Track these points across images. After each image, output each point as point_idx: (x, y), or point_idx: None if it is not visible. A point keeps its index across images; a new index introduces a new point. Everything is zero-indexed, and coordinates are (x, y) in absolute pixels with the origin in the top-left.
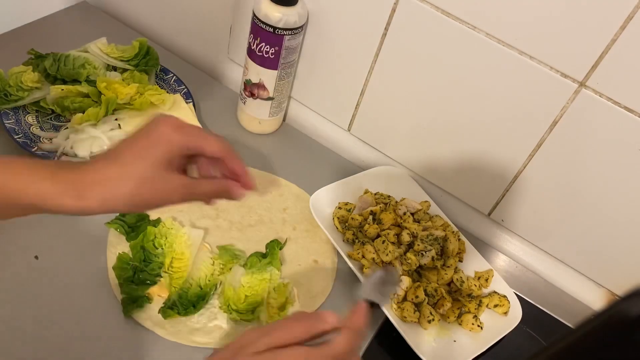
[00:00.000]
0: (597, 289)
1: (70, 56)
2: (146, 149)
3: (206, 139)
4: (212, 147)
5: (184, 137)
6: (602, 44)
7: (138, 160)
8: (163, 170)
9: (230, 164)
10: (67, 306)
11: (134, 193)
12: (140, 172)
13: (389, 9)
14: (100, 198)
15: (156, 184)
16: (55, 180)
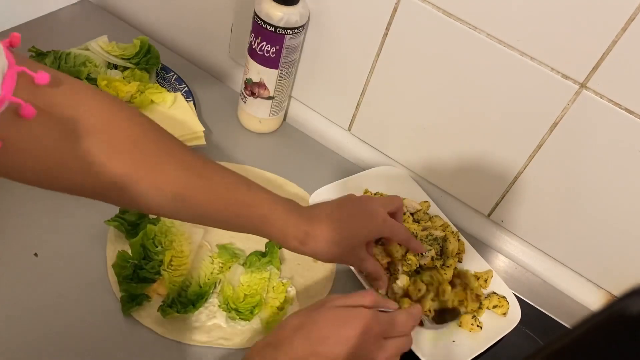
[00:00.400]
0: (596, 290)
1: (71, 54)
2: (363, 228)
3: (399, 232)
4: (401, 236)
5: (388, 231)
6: (603, 46)
7: (354, 233)
8: (362, 247)
9: (412, 245)
10: (66, 304)
11: (339, 254)
12: (351, 243)
13: (390, 9)
14: (315, 251)
15: (354, 252)
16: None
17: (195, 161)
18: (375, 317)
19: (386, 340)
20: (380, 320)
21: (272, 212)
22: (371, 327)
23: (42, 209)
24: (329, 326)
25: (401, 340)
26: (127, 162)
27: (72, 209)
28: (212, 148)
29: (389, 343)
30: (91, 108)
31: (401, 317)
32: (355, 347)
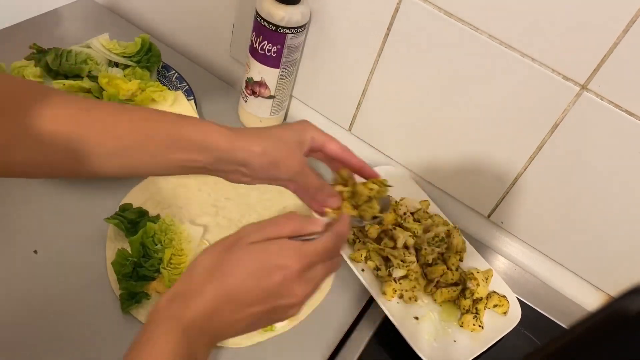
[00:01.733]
0: (595, 292)
1: (72, 51)
2: (289, 126)
3: (331, 137)
4: (334, 145)
5: (315, 129)
6: (604, 47)
7: (282, 130)
8: (296, 144)
9: (349, 160)
10: (66, 301)
11: (272, 147)
12: (280, 135)
13: (392, 9)
14: (244, 145)
15: (290, 149)
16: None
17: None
18: (297, 253)
19: (310, 270)
20: (303, 253)
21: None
22: (293, 267)
23: (42, 206)
24: (245, 272)
25: (327, 266)
26: (70, 122)
27: (72, 207)
28: None
29: (312, 273)
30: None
31: (327, 243)
32: (275, 292)
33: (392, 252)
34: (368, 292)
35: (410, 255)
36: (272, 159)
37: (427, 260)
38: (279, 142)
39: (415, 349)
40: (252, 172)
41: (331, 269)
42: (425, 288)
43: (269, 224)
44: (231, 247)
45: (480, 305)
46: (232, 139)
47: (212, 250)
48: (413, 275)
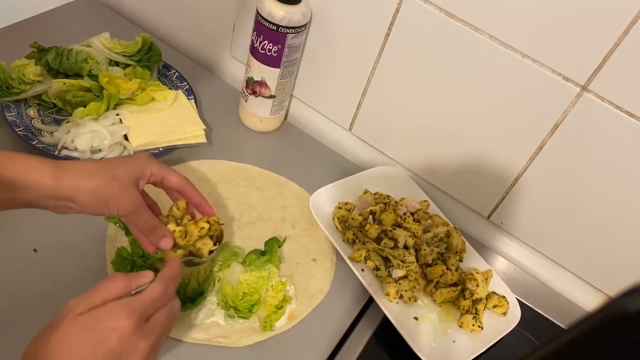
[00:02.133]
0: (595, 293)
1: (73, 50)
2: (125, 161)
3: (171, 171)
4: (174, 178)
5: (155, 164)
6: (604, 48)
7: (116, 166)
8: (131, 182)
9: (189, 194)
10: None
11: (102, 185)
12: (113, 172)
13: (393, 9)
14: (73, 183)
15: (122, 187)
16: (40, 160)
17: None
18: (126, 309)
19: (148, 322)
20: (132, 308)
21: (17, 155)
22: (125, 325)
23: None
24: (78, 346)
25: (166, 311)
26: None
27: None
28: (213, 146)
29: (151, 323)
30: None
31: (154, 290)
32: (117, 355)
33: (392, 253)
34: (367, 292)
35: (410, 256)
36: (102, 198)
37: (426, 260)
38: (111, 180)
39: (415, 349)
40: (81, 207)
41: (170, 312)
42: (424, 288)
43: (93, 291)
44: (57, 325)
45: (480, 306)
46: (59, 176)
47: (40, 334)
48: (413, 276)
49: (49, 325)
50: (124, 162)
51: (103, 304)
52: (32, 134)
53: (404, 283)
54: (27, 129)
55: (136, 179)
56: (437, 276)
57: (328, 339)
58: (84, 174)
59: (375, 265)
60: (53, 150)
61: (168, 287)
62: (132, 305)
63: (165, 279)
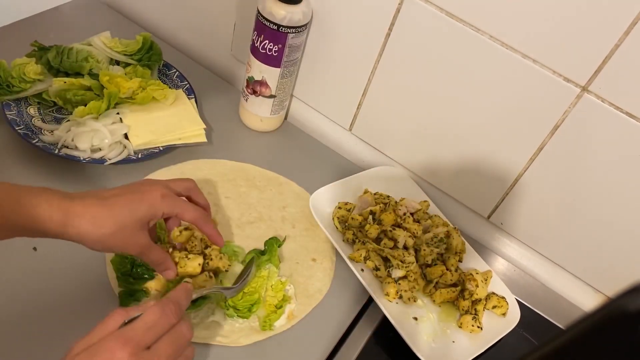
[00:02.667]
0: (594, 294)
1: (73, 49)
2: (135, 203)
3: (184, 209)
4: (189, 215)
5: (167, 205)
6: (605, 49)
7: (125, 210)
8: (139, 227)
9: (204, 229)
10: (64, 298)
11: (108, 236)
12: (121, 221)
13: (393, 9)
14: (79, 231)
15: (128, 235)
16: (49, 203)
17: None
18: (119, 339)
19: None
20: (125, 336)
21: (25, 195)
22: (120, 355)
23: None
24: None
25: (169, 337)
26: None
27: None
28: (213, 146)
29: (152, 351)
30: None
31: (154, 314)
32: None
33: (392, 253)
34: (367, 292)
35: (410, 256)
36: (109, 246)
37: (426, 260)
38: (119, 230)
39: (414, 350)
40: (90, 248)
41: (175, 337)
42: (424, 289)
43: (93, 330)
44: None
45: (479, 307)
46: (65, 222)
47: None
48: (412, 276)
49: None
50: (136, 205)
51: (99, 341)
52: (32, 132)
53: (404, 283)
54: (27, 128)
55: (146, 223)
56: (437, 277)
57: (327, 338)
58: (91, 223)
59: (375, 265)
60: (53, 149)
61: (166, 309)
62: (125, 334)
63: (163, 302)
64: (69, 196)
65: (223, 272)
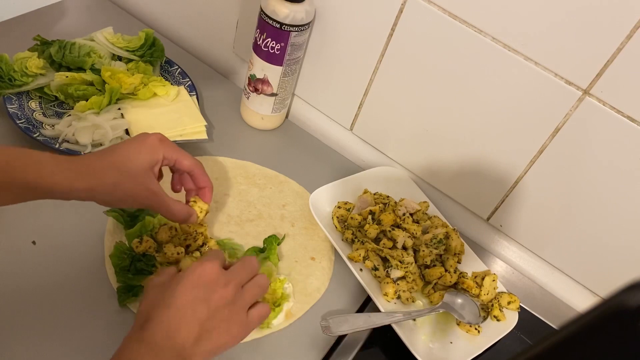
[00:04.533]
0: (593, 297)
1: (76, 44)
2: (135, 149)
3: (182, 154)
4: (186, 161)
5: (166, 148)
6: (607, 53)
7: (126, 157)
8: (144, 172)
9: (198, 177)
10: (63, 292)
11: (117, 184)
12: (126, 167)
13: (396, 9)
14: (87, 186)
15: (135, 182)
16: (56, 161)
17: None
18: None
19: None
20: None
21: (31, 155)
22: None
23: None
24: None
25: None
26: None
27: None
28: (214, 143)
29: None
30: None
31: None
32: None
33: (391, 253)
34: (365, 292)
35: (409, 256)
36: (120, 197)
37: (425, 261)
38: (125, 177)
39: (412, 350)
40: (102, 203)
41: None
42: (422, 289)
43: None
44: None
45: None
46: (72, 181)
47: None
48: (411, 277)
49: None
50: (136, 151)
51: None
52: (33, 126)
53: (402, 284)
54: (28, 122)
55: (149, 168)
56: (436, 278)
57: (325, 338)
58: (97, 176)
59: (374, 265)
60: (54, 143)
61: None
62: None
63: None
64: (75, 157)
65: None
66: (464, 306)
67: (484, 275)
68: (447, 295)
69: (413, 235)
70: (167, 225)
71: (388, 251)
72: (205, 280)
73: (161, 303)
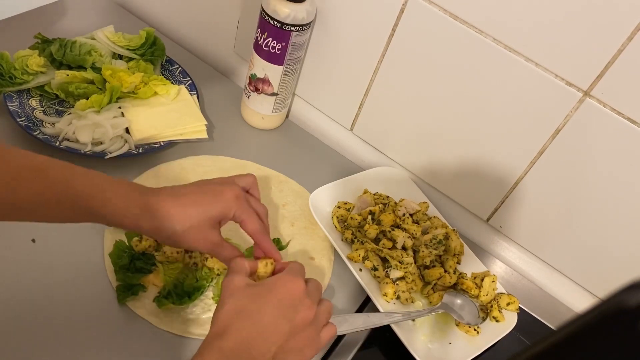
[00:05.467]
0: (592, 299)
1: (76, 42)
2: (208, 203)
3: (250, 218)
4: (251, 227)
5: (239, 210)
6: (608, 54)
7: (199, 209)
8: (211, 225)
9: (262, 244)
10: (62, 290)
11: (180, 233)
12: (195, 219)
13: (397, 10)
14: (152, 227)
15: (199, 234)
16: (127, 198)
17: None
18: (294, 276)
19: (319, 304)
20: (299, 274)
21: (108, 186)
22: (299, 282)
23: None
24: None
25: (316, 283)
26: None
27: None
28: (214, 142)
29: (321, 307)
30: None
31: (314, 282)
32: (290, 304)
33: (390, 253)
34: (365, 292)
35: (408, 257)
36: (181, 243)
37: (424, 262)
38: (192, 227)
39: (411, 350)
40: (163, 242)
41: (317, 286)
42: (422, 290)
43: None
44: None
45: (494, 312)
46: (140, 216)
47: (237, 295)
48: (410, 277)
49: (248, 292)
50: (210, 205)
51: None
52: (34, 124)
53: (402, 284)
54: (28, 120)
55: (217, 222)
56: (435, 278)
57: None
58: (164, 221)
59: (373, 266)
60: (54, 142)
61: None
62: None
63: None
64: (145, 191)
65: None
66: (463, 307)
67: (483, 276)
68: (446, 296)
69: (413, 235)
70: None
71: (388, 251)
72: (292, 299)
73: (244, 315)
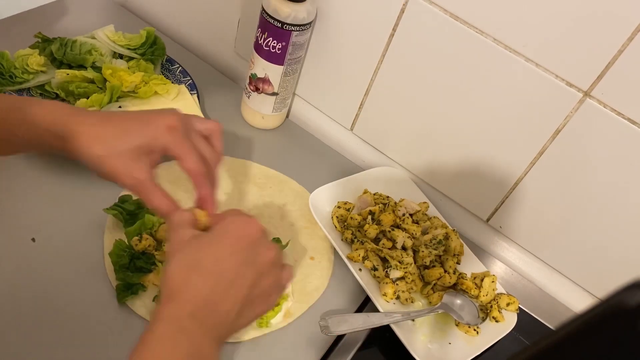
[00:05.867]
0: (592, 300)
1: (77, 41)
2: (133, 130)
3: (187, 154)
4: (187, 165)
5: (171, 142)
6: (608, 55)
7: (119, 134)
8: (135, 156)
9: (199, 188)
10: (62, 289)
11: (97, 159)
12: (116, 145)
13: (398, 10)
14: (74, 148)
15: (119, 163)
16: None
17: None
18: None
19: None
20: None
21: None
22: (257, 225)
23: (41, 194)
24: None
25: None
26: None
27: (72, 196)
28: None
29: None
30: None
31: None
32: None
33: (390, 253)
34: (364, 292)
35: (408, 257)
36: (105, 171)
37: (424, 262)
38: (113, 154)
39: (410, 350)
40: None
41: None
42: (422, 290)
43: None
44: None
45: (493, 312)
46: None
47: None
48: (410, 277)
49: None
50: (135, 132)
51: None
52: None
53: (401, 284)
54: None
55: (144, 153)
56: (435, 278)
57: (323, 337)
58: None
59: (373, 265)
60: None
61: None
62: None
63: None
64: (73, 112)
65: None
66: (463, 307)
67: (483, 277)
68: (446, 296)
69: (412, 235)
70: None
71: (387, 251)
72: (251, 240)
73: (198, 270)
